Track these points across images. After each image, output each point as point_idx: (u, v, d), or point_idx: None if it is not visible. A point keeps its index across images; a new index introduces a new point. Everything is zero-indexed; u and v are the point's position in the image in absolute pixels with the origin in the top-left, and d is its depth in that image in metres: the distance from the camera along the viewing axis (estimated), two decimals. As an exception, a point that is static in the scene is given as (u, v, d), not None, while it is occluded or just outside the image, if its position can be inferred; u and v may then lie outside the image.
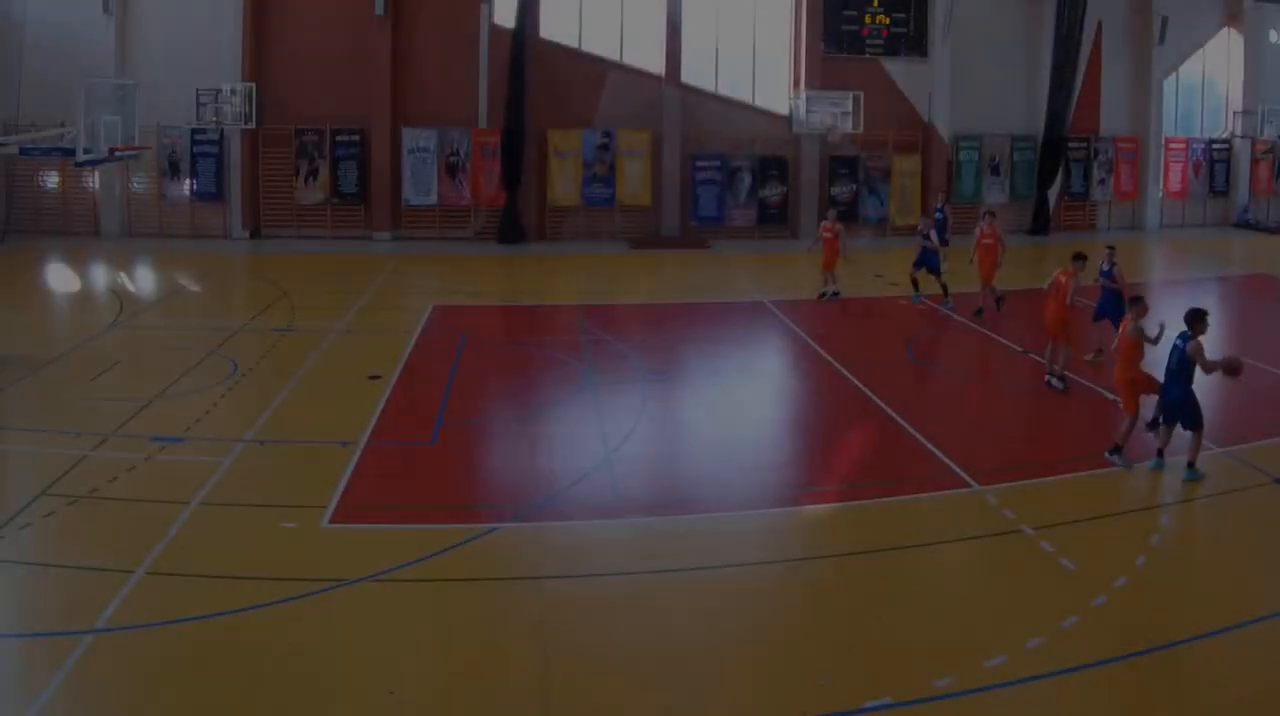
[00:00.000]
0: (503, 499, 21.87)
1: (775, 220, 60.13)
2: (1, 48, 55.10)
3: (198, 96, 55.13)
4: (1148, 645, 15.72)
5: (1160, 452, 23.16)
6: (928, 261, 41.37)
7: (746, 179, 59.63)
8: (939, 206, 46.31)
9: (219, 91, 55.25)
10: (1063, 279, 28.64)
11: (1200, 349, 21.88)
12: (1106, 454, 23.19)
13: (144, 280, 47.92)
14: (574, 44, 59.63)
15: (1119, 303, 29.31)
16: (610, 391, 29.75)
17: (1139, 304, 23.67)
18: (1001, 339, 33.54)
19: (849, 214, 59.68)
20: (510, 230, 57.57)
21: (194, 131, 57.09)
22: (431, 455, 24.70)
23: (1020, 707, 14.36)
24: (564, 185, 58.94)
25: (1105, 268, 31.92)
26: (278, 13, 57.84)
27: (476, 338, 33.99)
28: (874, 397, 28.48)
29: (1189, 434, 22.47)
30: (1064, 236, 61.12)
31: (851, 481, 23.05)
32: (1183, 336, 22.19)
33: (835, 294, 41.86)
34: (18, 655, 15.43)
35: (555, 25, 59.20)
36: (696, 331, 37.79)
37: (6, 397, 28.68)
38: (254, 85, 56.41)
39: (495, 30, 57.67)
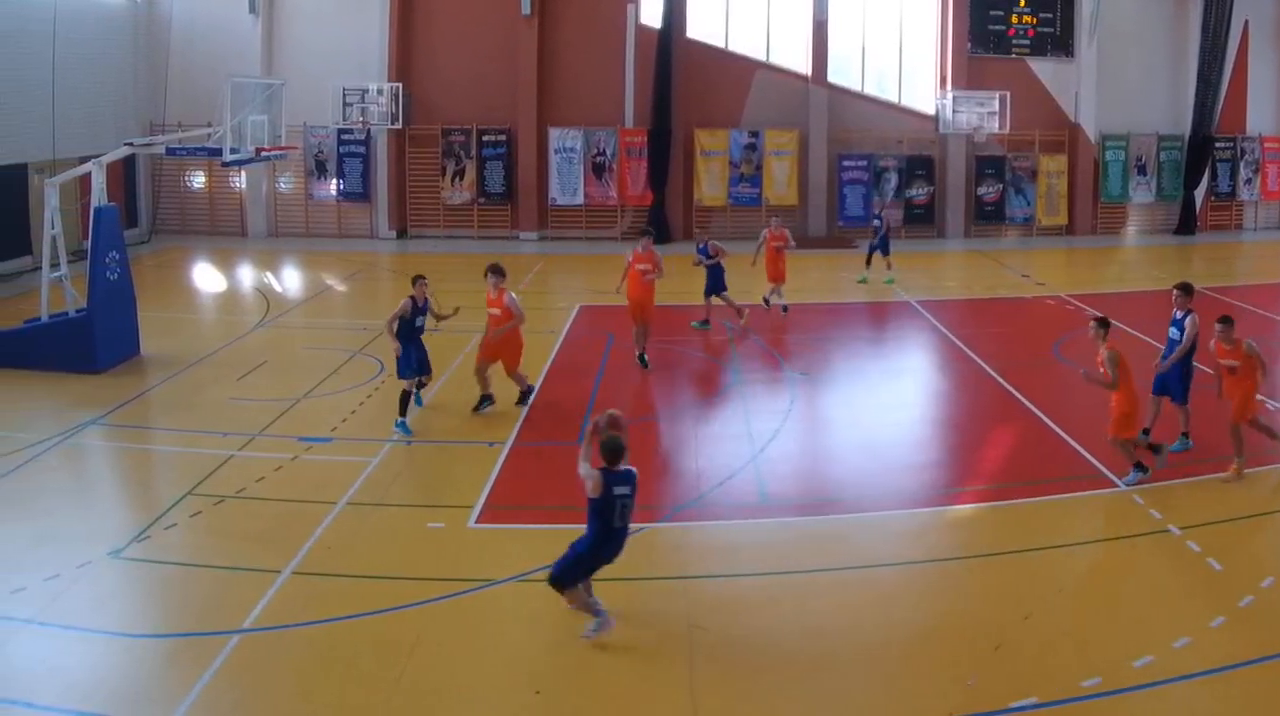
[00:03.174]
0: (650, 499, 21.75)
1: (921, 220, 59.65)
2: (148, 49, 55.98)
3: (344, 96, 55.82)
4: (1296, 646, 15.49)
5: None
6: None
7: (893, 179, 59.23)
8: (878, 213, 46.71)
9: (365, 91, 55.93)
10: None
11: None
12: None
13: (290, 280, 48.50)
14: (720, 44, 59.56)
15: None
16: (757, 392, 29.78)
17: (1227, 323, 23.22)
18: (1147, 338, 33.21)
19: (995, 214, 59.69)
20: (657, 230, 57.13)
21: (340, 131, 57.68)
22: (578, 455, 24.79)
23: (1167, 707, 14.24)
24: (710, 185, 58.91)
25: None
26: (424, 12, 58.32)
27: (623, 338, 34.09)
28: (1020, 397, 28.29)
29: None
30: (1210, 237, 60.45)
31: (998, 481, 22.94)
32: None
33: (782, 307, 40.18)
34: (166, 655, 15.62)
35: (701, 25, 59.21)
36: (843, 331, 37.72)
37: (154, 397, 29.21)
38: (400, 85, 56.95)
39: (641, 30, 57.75)
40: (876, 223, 46.10)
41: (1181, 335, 23.86)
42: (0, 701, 14.16)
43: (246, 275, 48.52)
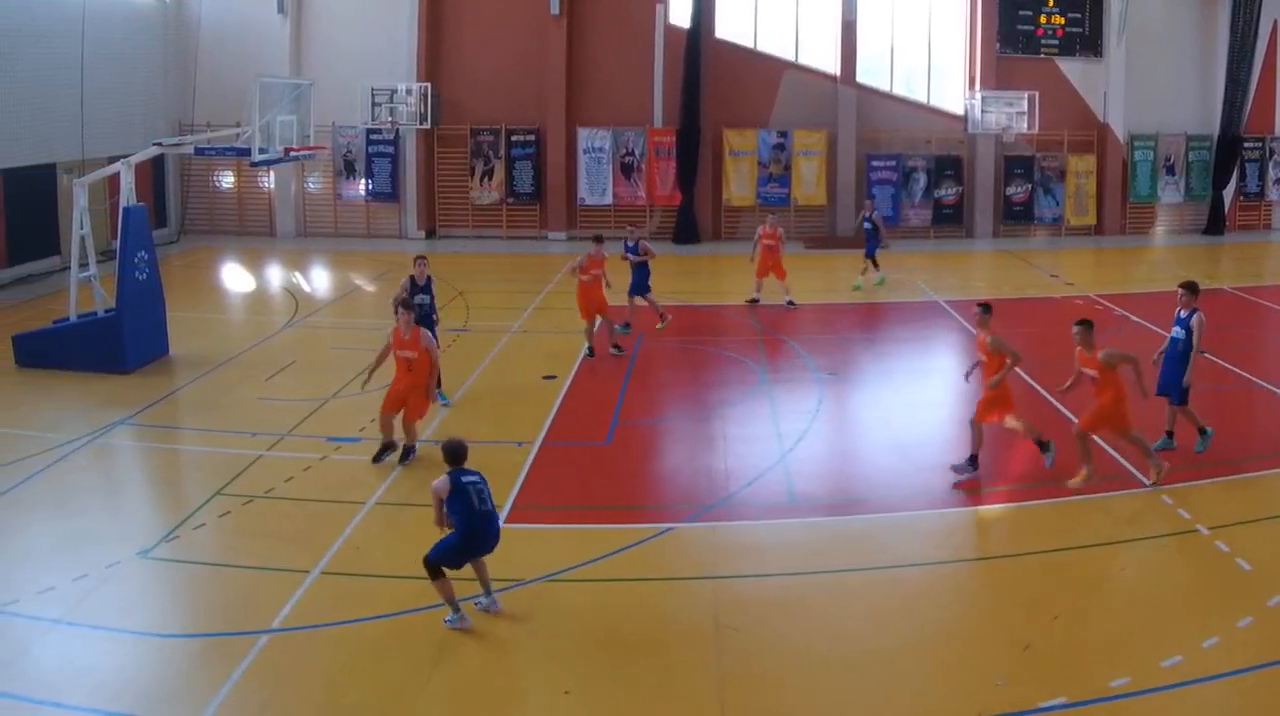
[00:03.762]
0: (678, 499, 21.90)
1: (950, 220, 59.54)
2: (177, 49, 56.16)
3: (373, 96, 55.83)
4: (1326, 646, 15.42)
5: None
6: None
7: (921, 179, 59.09)
8: (866, 215, 45.22)
9: (394, 91, 55.98)
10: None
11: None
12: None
13: (319, 280, 48.61)
14: (749, 44, 59.57)
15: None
16: (785, 392, 29.72)
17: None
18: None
19: (1024, 214, 59.60)
20: (686, 230, 57.62)
21: (369, 132, 57.84)
22: (606, 455, 24.94)
23: (1197, 707, 14.23)
24: (739, 185, 58.89)
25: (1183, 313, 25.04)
26: (453, 12, 58.48)
27: (652, 338, 34.10)
28: (1049, 398, 28.26)
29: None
30: (1238, 237, 60.17)
31: (1027, 481, 22.91)
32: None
33: (754, 300, 40.94)
34: (194, 655, 15.68)
35: (730, 25, 59.17)
36: (871, 332, 37.72)
37: (183, 397, 29.34)
38: (429, 85, 57.11)
39: (670, 30, 57.70)
40: (867, 225, 44.88)
41: (1185, 333, 23.76)
42: (29, 701, 14.23)
43: (275, 275, 48.70)
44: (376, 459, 23.82)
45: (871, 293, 43.78)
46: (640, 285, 36.10)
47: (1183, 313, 23.90)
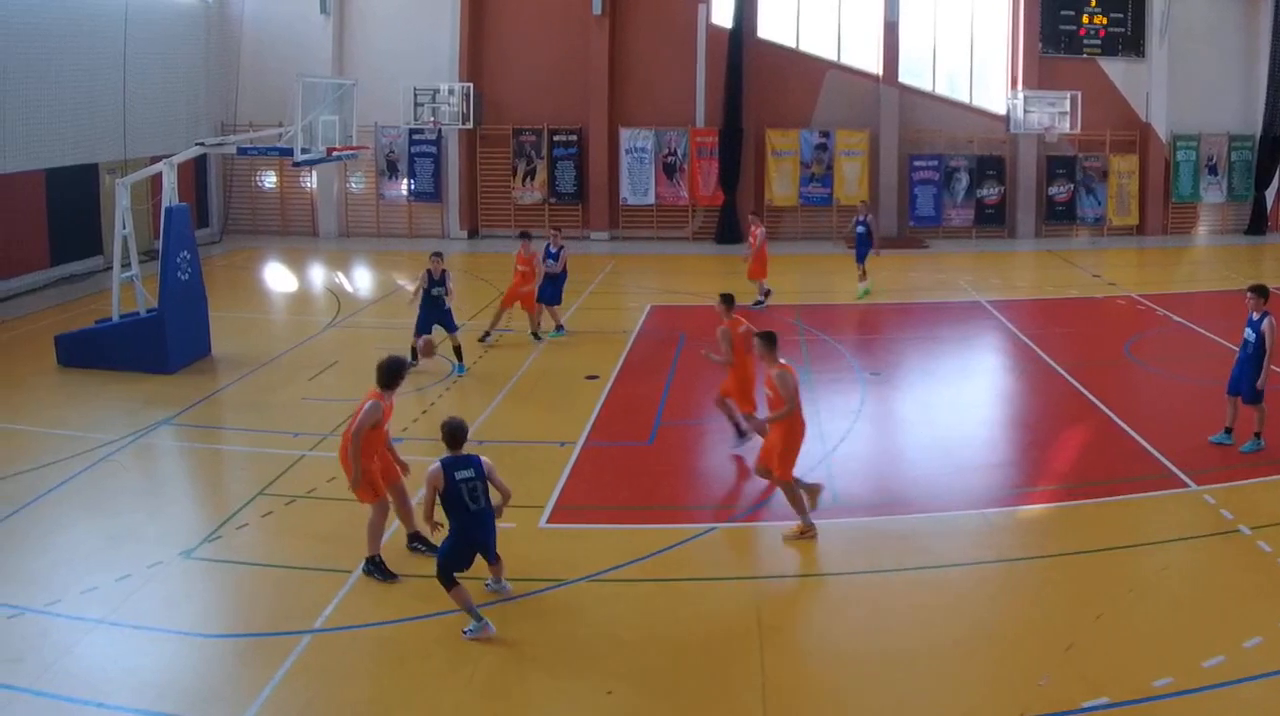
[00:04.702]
0: (720, 499, 21.96)
1: (992, 220, 59.36)
2: (220, 49, 56.45)
3: (415, 96, 56.14)
4: (1369, 646, 15.35)
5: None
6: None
7: (964, 179, 58.96)
8: (860, 218, 43.18)
9: (436, 91, 56.20)
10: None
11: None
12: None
13: (361, 280, 48.73)
14: (791, 44, 59.49)
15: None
16: (828, 391, 29.63)
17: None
18: (1220, 339, 33.00)
19: (1066, 214, 59.46)
20: (728, 230, 57.63)
21: (412, 131, 58.03)
22: (649, 455, 24.92)
23: (1239, 707, 14.17)
24: (781, 185, 58.86)
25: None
26: (495, 12, 58.65)
27: (695, 338, 34.07)
28: (1091, 397, 28.12)
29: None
30: (1280, 237, 60.05)
31: (1069, 481, 22.80)
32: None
33: (759, 303, 40.00)
34: (237, 655, 15.71)
35: (772, 25, 59.19)
36: (914, 331, 37.61)
37: (225, 397, 29.44)
38: (471, 85, 57.17)
39: (712, 30, 57.84)
40: (860, 229, 42.76)
41: (1256, 336, 23.65)
42: (72, 700, 14.26)
43: (317, 275, 48.81)
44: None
45: (913, 292, 43.69)
46: (553, 295, 35.57)
47: (1254, 315, 23.81)
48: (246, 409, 28.51)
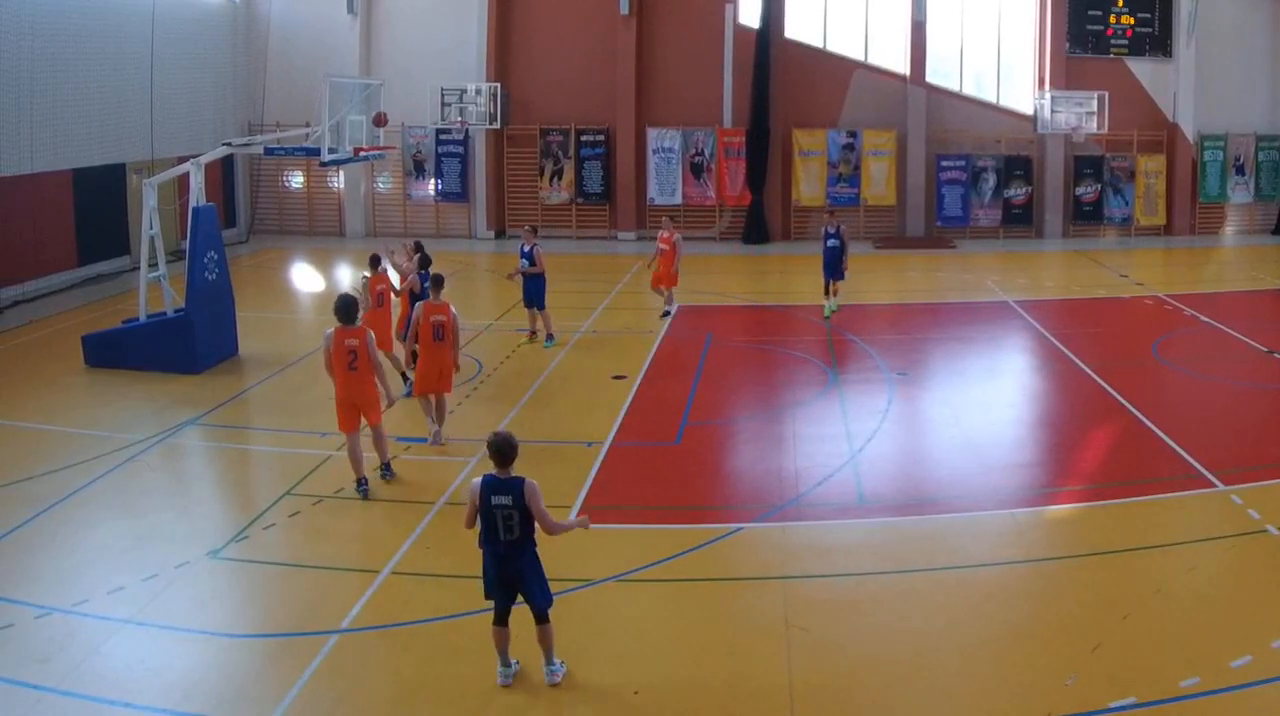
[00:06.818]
0: (747, 499, 21.85)
1: (1020, 220, 59.17)
2: (247, 49, 56.64)
3: (442, 96, 56.16)
4: (1396, 646, 15.31)
5: None
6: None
7: (991, 179, 58.77)
8: (829, 230, 38.93)
9: (464, 91, 56.23)
10: None
11: None
12: None
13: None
14: (818, 44, 59.41)
15: None
16: (855, 391, 29.60)
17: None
18: (1247, 339, 32.94)
19: (1093, 214, 59.32)
20: (755, 230, 57.65)
21: (439, 131, 58.10)
22: (676, 455, 24.85)
23: (1266, 707, 14.11)
24: (809, 185, 58.79)
25: None
26: (522, 12, 58.70)
27: (721, 338, 34.02)
28: (1118, 397, 28.04)
29: None
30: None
31: (1096, 481, 22.76)
32: None
33: (667, 313, 38.40)
34: (265, 655, 15.74)
35: (799, 25, 59.10)
36: (941, 331, 37.50)
37: (252, 397, 29.52)
38: (499, 85, 57.25)
39: (739, 30, 57.70)
40: (833, 241, 38.42)
41: None
42: (99, 700, 14.29)
43: (344, 275, 48.73)
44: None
45: (941, 292, 43.68)
46: (536, 297, 34.73)
47: None
48: (274, 409, 28.59)
